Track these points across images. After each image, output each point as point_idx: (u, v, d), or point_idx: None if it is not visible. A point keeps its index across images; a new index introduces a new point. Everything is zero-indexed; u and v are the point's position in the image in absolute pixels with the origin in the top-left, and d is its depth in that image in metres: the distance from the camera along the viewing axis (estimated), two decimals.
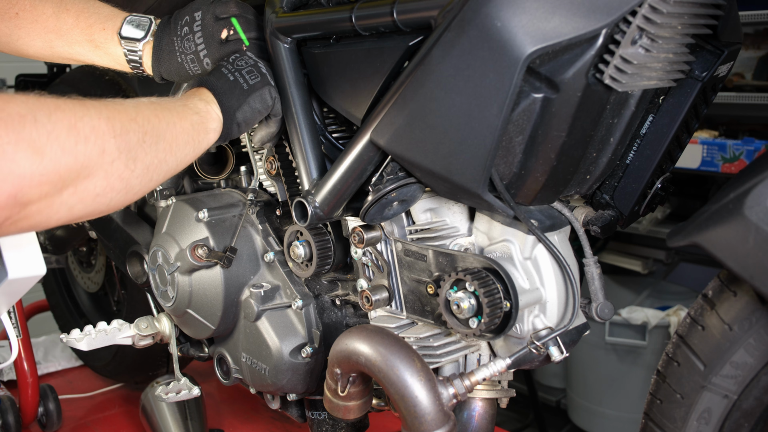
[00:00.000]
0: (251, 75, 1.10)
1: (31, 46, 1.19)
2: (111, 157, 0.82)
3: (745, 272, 0.88)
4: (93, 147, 0.79)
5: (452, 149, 0.95)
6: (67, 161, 0.76)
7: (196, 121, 1.00)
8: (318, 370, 1.33)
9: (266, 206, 1.38)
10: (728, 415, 0.99)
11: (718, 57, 1.03)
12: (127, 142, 0.85)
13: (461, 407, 1.20)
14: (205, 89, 1.07)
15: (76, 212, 0.81)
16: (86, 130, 0.79)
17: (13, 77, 2.25)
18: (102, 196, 0.83)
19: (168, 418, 1.74)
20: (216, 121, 1.04)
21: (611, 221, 1.11)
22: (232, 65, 1.11)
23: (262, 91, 1.10)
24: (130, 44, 1.16)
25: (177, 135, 0.95)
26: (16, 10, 1.16)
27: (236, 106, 1.07)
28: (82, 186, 0.79)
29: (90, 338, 1.46)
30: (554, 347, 1.04)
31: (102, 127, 0.81)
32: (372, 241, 1.16)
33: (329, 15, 1.08)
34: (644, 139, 1.08)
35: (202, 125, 1.01)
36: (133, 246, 1.58)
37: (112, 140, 0.82)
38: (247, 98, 1.08)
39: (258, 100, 1.10)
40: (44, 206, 0.76)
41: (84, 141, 0.78)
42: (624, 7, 0.84)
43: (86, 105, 0.82)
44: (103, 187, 0.82)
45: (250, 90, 1.09)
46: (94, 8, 1.18)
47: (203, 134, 1.02)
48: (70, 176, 0.77)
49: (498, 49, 0.87)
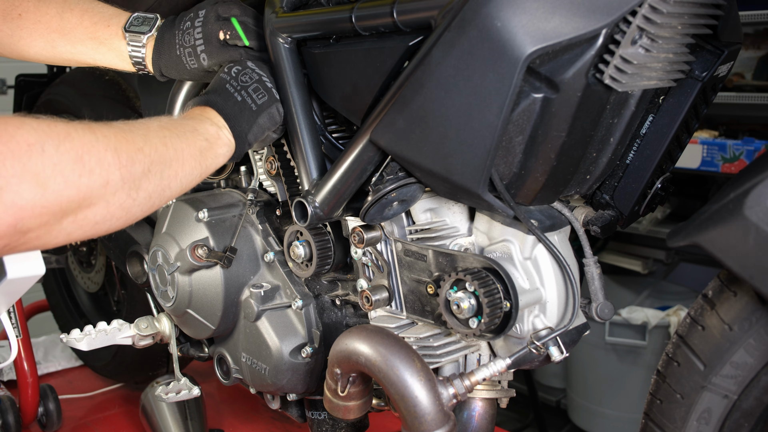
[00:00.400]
0: (258, 93, 1.10)
1: (32, 46, 1.20)
2: (114, 188, 0.83)
3: (745, 272, 0.88)
4: (97, 179, 0.80)
5: (452, 149, 0.95)
6: (69, 193, 0.77)
7: (205, 147, 1.00)
8: (318, 370, 1.33)
9: (266, 206, 1.38)
10: (728, 415, 0.99)
11: (718, 57, 1.03)
12: (132, 174, 0.85)
13: (461, 407, 1.20)
14: (214, 111, 1.06)
15: (73, 237, 0.82)
16: (92, 163, 0.79)
17: (13, 77, 2.25)
18: (101, 224, 0.84)
19: (168, 418, 1.74)
20: (226, 146, 1.05)
21: (611, 221, 1.11)
22: (237, 82, 1.10)
23: (270, 110, 1.11)
24: (134, 38, 1.17)
25: (184, 162, 0.95)
26: (19, 11, 1.17)
27: (247, 129, 1.08)
28: (82, 215, 0.80)
29: (90, 338, 1.46)
30: (554, 347, 1.04)
31: (108, 160, 0.82)
32: (372, 241, 1.16)
33: (329, 15, 1.08)
34: (644, 139, 1.08)
35: (210, 151, 1.01)
36: (133, 246, 1.58)
37: (117, 172, 0.83)
38: (257, 119, 1.09)
39: (267, 118, 1.11)
40: (43, 233, 0.77)
41: (89, 174, 0.79)
42: (624, 7, 0.84)
43: (96, 133, 0.82)
44: (103, 216, 0.83)
45: (259, 110, 1.10)
46: (99, 8, 1.20)
47: (211, 159, 1.02)
48: (71, 207, 0.78)
49: (498, 49, 0.87)
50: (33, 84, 2.20)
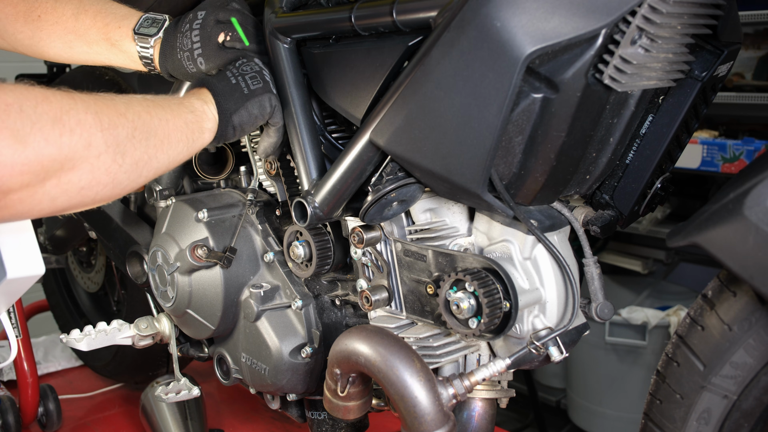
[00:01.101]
0: (254, 81, 1.10)
1: (51, 47, 1.21)
2: (97, 150, 0.82)
3: (744, 272, 0.88)
4: (78, 139, 0.79)
5: (452, 149, 0.95)
6: (50, 152, 0.76)
7: (191, 119, 1.01)
8: (318, 371, 1.33)
9: (266, 206, 1.38)
10: (728, 416, 0.99)
11: (718, 57, 1.03)
12: (115, 137, 0.84)
13: (461, 407, 1.20)
14: (205, 89, 1.07)
15: (59, 204, 0.81)
16: (72, 123, 0.79)
17: (13, 77, 2.25)
18: (87, 189, 0.83)
19: (168, 418, 1.74)
20: (212, 121, 1.04)
21: (611, 221, 1.11)
22: (237, 69, 1.11)
23: (262, 97, 1.10)
24: (143, 41, 1.17)
25: (169, 132, 0.95)
26: (39, 13, 1.18)
27: (233, 108, 1.07)
28: (66, 178, 0.79)
29: (90, 338, 1.46)
30: (554, 347, 1.04)
31: (89, 121, 0.81)
32: (372, 241, 1.16)
33: (329, 15, 1.08)
34: (644, 139, 1.08)
35: (196, 124, 1.01)
36: (132, 246, 1.58)
37: (99, 134, 0.82)
38: (246, 102, 1.08)
39: (256, 105, 1.09)
40: (26, 196, 0.76)
41: (69, 133, 0.78)
42: (623, 7, 0.84)
43: (74, 98, 0.82)
44: (88, 180, 0.82)
45: (250, 95, 1.09)
46: (112, 9, 1.20)
47: (197, 133, 1.02)
48: (53, 167, 0.77)
49: (497, 50, 0.87)
50: None
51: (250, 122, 1.10)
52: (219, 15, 1.14)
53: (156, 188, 1.45)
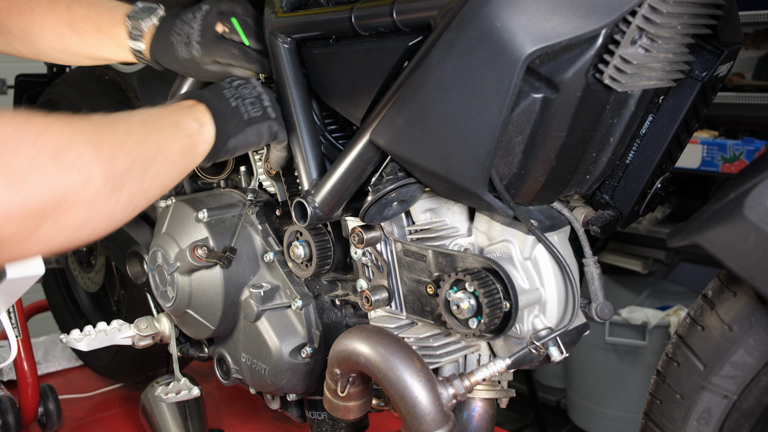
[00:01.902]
0: (254, 107, 1.09)
1: (44, 40, 1.21)
2: (95, 187, 0.78)
3: (744, 272, 0.88)
4: (76, 176, 0.76)
5: (452, 149, 0.95)
6: (47, 192, 0.72)
7: (187, 145, 0.99)
8: (318, 371, 1.33)
9: (266, 206, 1.38)
10: (728, 416, 0.99)
11: (718, 57, 1.03)
12: (114, 171, 0.81)
13: (461, 407, 1.20)
14: (204, 108, 1.05)
15: (54, 245, 0.78)
16: (71, 159, 0.75)
17: (13, 77, 2.25)
18: (82, 228, 0.79)
19: (168, 418, 1.74)
20: (206, 144, 1.03)
21: (611, 221, 1.11)
22: (236, 91, 1.09)
23: (261, 125, 1.09)
24: (135, 24, 1.18)
25: (167, 160, 0.93)
26: (32, 6, 1.18)
27: (232, 133, 1.06)
28: (62, 218, 0.76)
29: (90, 338, 1.46)
30: (554, 347, 1.04)
31: (88, 155, 0.78)
32: (372, 241, 1.16)
33: (329, 15, 1.08)
34: (644, 139, 1.08)
35: (192, 149, 1.00)
36: (132, 246, 1.58)
37: (98, 169, 0.79)
38: (245, 129, 1.07)
39: (254, 133, 1.09)
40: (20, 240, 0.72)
41: (67, 170, 0.75)
42: (624, 7, 0.84)
43: (75, 127, 0.79)
44: (84, 220, 0.78)
45: (249, 122, 1.08)
46: (106, 1, 1.22)
47: (191, 158, 1.00)
48: (49, 208, 0.73)
49: (497, 50, 0.87)
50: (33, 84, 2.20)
51: (243, 148, 1.09)
52: (222, 7, 1.15)
53: None
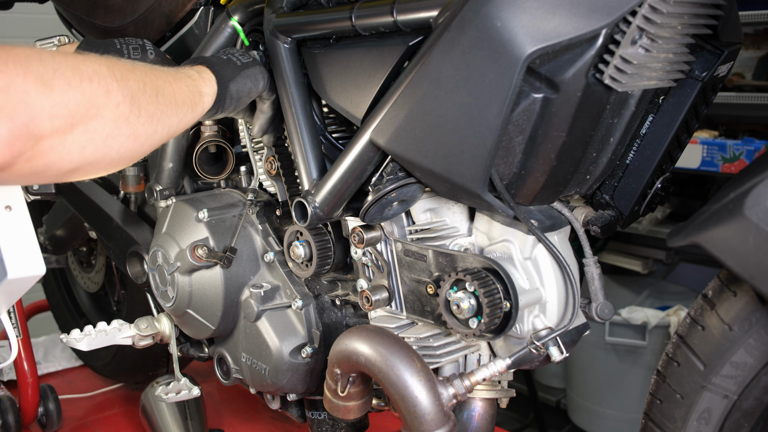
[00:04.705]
0: (243, 56, 1.15)
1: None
2: (116, 99, 0.84)
3: (745, 272, 0.88)
4: (97, 86, 0.82)
5: (452, 149, 0.95)
6: (74, 96, 0.78)
7: (190, 83, 1.03)
8: (318, 370, 1.33)
9: (266, 206, 1.38)
10: (728, 416, 0.99)
11: (718, 57, 1.03)
12: (129, 88, 0.87)
13: (461, 407, 1.20)
14: (197, 65, 1.10)
15: (88, 153, 0.83)
16: (89, 72, 0.81)
17: None
18: (111, 138, 0.84)
19: (168, 418, 1.74)
20: (210, 85, 1.07)
21: (611, 221, 1.11)
22: (224, 52, 1.16)
23: (254, 68, 1.15)
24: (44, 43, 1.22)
25: (175, 92, 0.97)
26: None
27: (230, 76, 1.10)
28: (91, 125, 0.81)
29: (90, 338, 1.46)
30: (554, 347, 1.04)
31: (104, 71, 0.84)
32: (372, 241, 1.16)
33: (329, 15, 1.08)
34: (644, 139, 1.08)
35: (196, 87, 1.04)
36: (133, 246, 1.58)
37: (115, 84, 0.84)
38: (240, 72, 1.12)
39: (250, 76, 1.14)
40: (57, 143, 0.78)
41: (88, 80, 0.81)
42: (624, 7, 0.84)
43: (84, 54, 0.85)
44: (111, 129, 0.84)
45: (243, 66, 1.13)
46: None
47: (198, 96, 1.04)
48: (78, 111, 0.79)
49: (498, 49, 0.87)
50: None
51: (245, 92, 1.13)
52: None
53: (156, 188, 1.45)
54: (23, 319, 1.89)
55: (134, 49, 1.18)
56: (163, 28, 1.38)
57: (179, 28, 1.39)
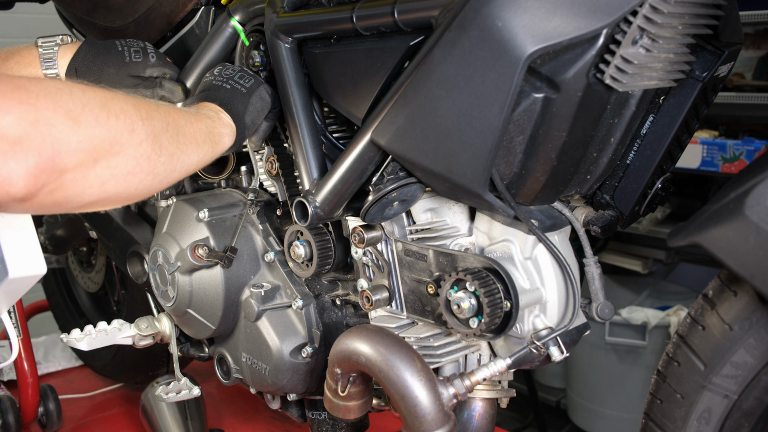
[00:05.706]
0: (244, 79, 1.17)
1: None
2: (139, 137, 0.86)
3: (745, 272, 0.88)
4: (123, 124, 0.83)
5: (453, 149, 0.95)
6: (100, 132, 0.80)
7: (210, 124, 1.05)
8: (318, 370, 1.33)
9: (266, 206, 1.38)
10: (728, 415, 0.99)
11: (719, 57, 1.03)
12: (153, 128, 0.88)
13: (461, 407, 1.20)
14: (207, 103, 1.11)
15: (108, 188, 0.84)
16: (116, 109, 0.83)
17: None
18: (132, 175, 0.86)
19: (168, 418, 1.74)
20: (227, 126, 1.09)
21: (611, 221, 1.11)
22: (221, 76, 1.17)
23: (259, 90, 1.17)
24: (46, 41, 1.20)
25: (195, 133, 0.99)
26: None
27: (243, 110, 1.13)
28: (114, 161, 0.83)
29: (90, 338, 1.46)
30: (554, 347, 1.04)
31: (130, 110, 0.85)
32: (372, 241, 1.16)
33: (330, 15, 1.08)
34: (644, 139, 1.08)
35: (215, 128, 1.06)
36: (133, 246, 1.58)
37: (140, 122, 0.86)
38: (249, 100, 1.14)
39: (258, 99, 1.16)
40: (79, 176, 0.79)
41: (115, 117, 0.82)
42: (625, 7, 0.85)
43: (113, 91, 0.87)
44: (133, 166, 0.85)
45: (249, 92, 1.15)
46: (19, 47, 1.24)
47: (217, 137, 1.06)
48: (103, 148, 0.80)
49: (499, 49, 0.87)
50: None
51: (258, 117, 1.16)
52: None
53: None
54: (23, 319, 1.89)
55: (135, 52, 1.20)
56: (163, 28, 1.39)
57: (180, 28, 1.39)
